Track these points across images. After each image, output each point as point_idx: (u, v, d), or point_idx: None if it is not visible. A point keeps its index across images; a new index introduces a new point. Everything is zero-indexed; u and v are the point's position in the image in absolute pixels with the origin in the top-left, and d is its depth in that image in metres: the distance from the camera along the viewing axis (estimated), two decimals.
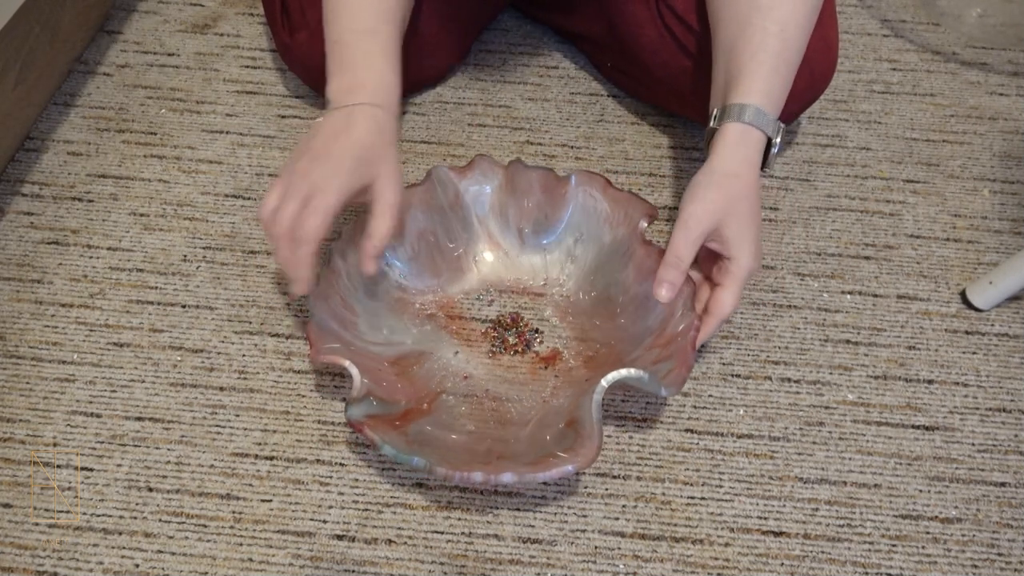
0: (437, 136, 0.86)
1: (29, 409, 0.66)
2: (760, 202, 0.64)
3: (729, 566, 0.60)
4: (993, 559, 0.61)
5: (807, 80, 0.73)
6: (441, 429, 0.62)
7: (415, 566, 0.60)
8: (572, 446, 0.57)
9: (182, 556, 0.60)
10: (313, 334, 0.61)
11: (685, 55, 0.77)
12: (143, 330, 0.71)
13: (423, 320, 0.70)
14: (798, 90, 0.72)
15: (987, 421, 0.68)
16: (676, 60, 0.78)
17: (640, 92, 0.88)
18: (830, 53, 0.75)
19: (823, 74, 0.76)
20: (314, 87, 0.87)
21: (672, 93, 0.82)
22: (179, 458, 0.64)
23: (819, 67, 0.75)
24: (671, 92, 0.82)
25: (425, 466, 0.56)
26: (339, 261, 0.66)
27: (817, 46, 0.72)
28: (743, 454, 0.66)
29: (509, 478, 0.55)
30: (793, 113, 0.77)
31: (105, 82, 0.90)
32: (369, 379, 0.61)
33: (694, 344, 0.61)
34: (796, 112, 0.78)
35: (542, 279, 0.74)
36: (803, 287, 0.76)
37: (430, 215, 0.71)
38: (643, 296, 0.67)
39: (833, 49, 0.76)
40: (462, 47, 0.91)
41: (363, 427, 0.57)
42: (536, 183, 0.73)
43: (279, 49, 0.85)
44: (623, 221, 0.70)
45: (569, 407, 0.63)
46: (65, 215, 0.79)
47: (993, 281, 0.72)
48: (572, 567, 0.60)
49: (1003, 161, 0.86)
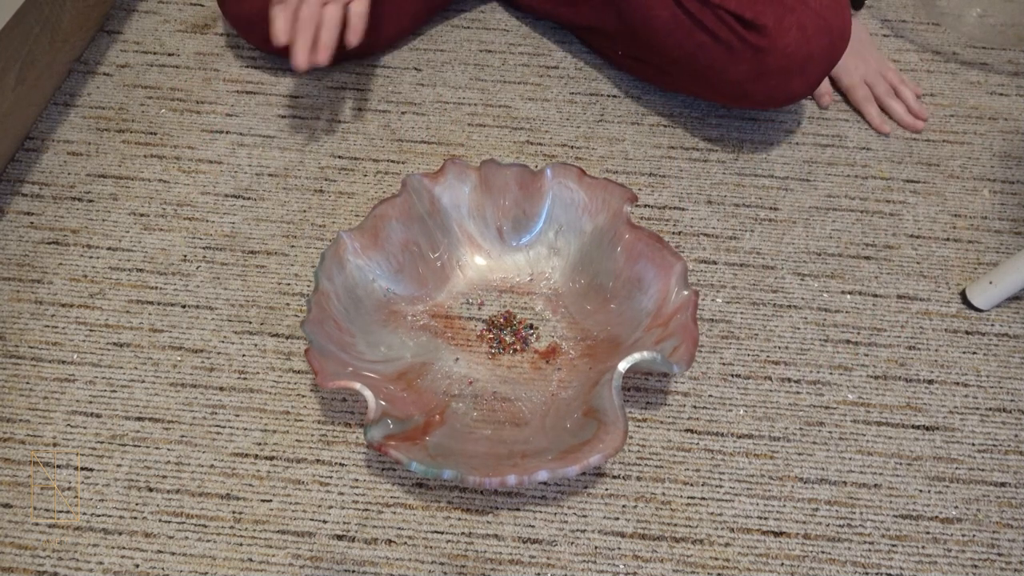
0: (437, 136, 0.86)
1: (29, 409, 0.67)
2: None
3: (729, 566, 0.60)
4: (993, 559, 0.61)
5: (827, 40, 0.74)
6: (458, 437, 0.62)
7: (415, 566, 0.60)
8: (596, 435, 0.57)
9: (182, 556, 0.60)
10: (315, 361, 0.61)
11: (702, 30, 0.77)
12: (143, 330, 0.71)
13: (418, 331, 0.70)
14: (820, 51, 0.74)
15: (987, 421, 0.68)
16: (692, 37, 0.78)
17: (656, 78, 0.88)
18: (843, 11, 0.76)
19: (840, 32, 0.76)
20: (248, 38, 0.88)
21: (691, 73, 0.81)
22: (179, 458, 0.64)
23: (836, 25, 0.75)
24: (690, 72, 0.81)
25: (457, 476, 0.56)
26: (327, 283, 0.66)
27: (831, 4, 0.74)
28: (743, 454, 0.66)
29: (544, 475, 0.56)
30: (818, 77, 0.77)
31: (105, 82, 0.90)
32: (381, 398, 0.61)
33: (695, 318, 0.63)
34: (820, 75, 0.77)
35: (528, 275, 0.74)
36: (803, 287, 0.76)
37: (410, 225, 0.71)
38: (635, 279, 0.68)
39: (846, 7, 0.76)
40: (413, 15, 0.90)
41: (387, 448, 0.57)
42: (512, 180, 0.73)
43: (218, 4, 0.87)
44: (602, 208, 0.71)
45: (581, 397, 0.63)
46: (65, 215, 0.79)
47: (993, 281, 0.72)
48: (572, 567, 0.60)
49: (1003, 161, 0.86)
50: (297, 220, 0.79)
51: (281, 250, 0.77)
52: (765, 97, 0.78)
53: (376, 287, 0.70)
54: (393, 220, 0.70)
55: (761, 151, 0.86)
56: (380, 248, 0.70)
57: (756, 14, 0.74)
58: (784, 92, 0.77)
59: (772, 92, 0.78)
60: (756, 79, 0.76)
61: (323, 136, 0.86)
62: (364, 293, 0.69)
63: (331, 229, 0.78)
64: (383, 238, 0.70)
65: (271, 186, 0.82)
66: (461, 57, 0.94)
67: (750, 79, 0.77)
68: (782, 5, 0.73)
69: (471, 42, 0.96)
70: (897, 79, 0.90)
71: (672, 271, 0.66)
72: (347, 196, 0.81)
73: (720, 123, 0.88)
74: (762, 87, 0.77)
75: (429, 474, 0.56)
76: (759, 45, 0.74)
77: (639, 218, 0.80)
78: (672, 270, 0.66)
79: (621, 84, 0.92)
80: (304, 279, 0.75)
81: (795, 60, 0.74)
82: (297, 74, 0.91)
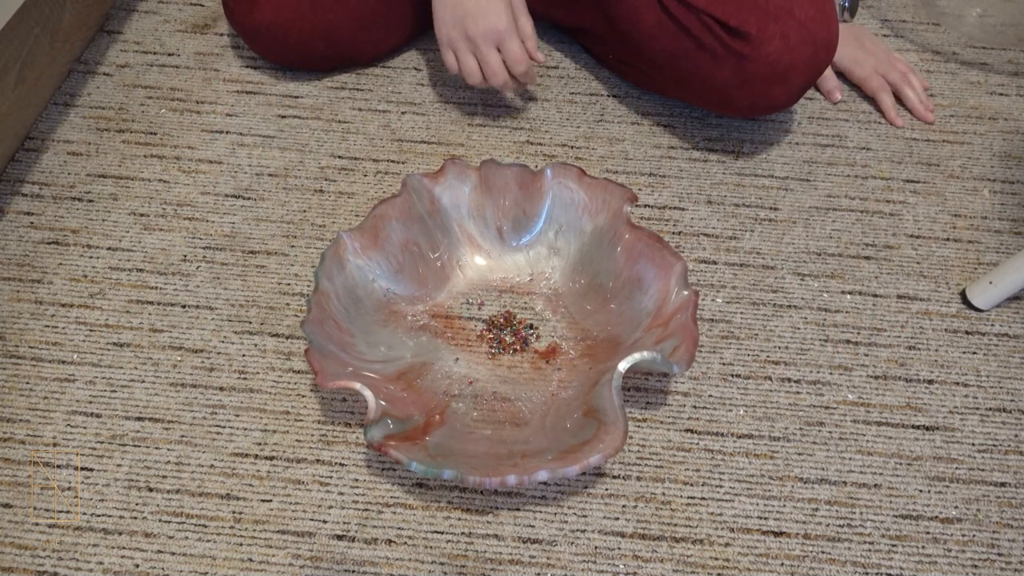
0: (437, 136, 0.86)
1: (29, 409, 0.67)
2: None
3: (729, 566, 0.60)
4: (993, 559, 0.61)
5: (810, 51, 0.75)
6: (458, 437, 0.62)
7: (415, 566, 0.60)
8: (596, 435, 0.57)
9: (182, 556, 0.60)
10: (315, 361, 0.61)
11: (686, 36, 0.77)
12: (143, 330, 0.71)
13: (417, 331, 0.70)
14: (802, 61, 0.75)
15: (987, 421, 0.68)
16: (677, 42, 0.78)
17: (644, 82, 0.89)
18: (830, 24, 0.76)
19: (825, 44, 0.76)
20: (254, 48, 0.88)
21: (676, 79, 0.82)
22: (179, 458, 0.64)
23: (820, 37, 0.75)
24: (675, 78, 0.82)
25: (457, 476, 0.56)
26: (327, 283, 0.66)
27: (816, 16, 0.74)
28: (743, 454, 0.66)
29: (544, 475, 0.56)
30: (800, 87, 0.78)
31: (105, 82, 0.90)
32: (381, 398, 0.61)
33: (695, 318, 0.63)
34: (803, 86, 0.78)
35: (528, 275, 0.74)
36: (803, 287, 0.76)
37: (410, 225, 0.71)
38: (635, 279, 0.68)
39: (833, 20, 0.77)
40: (405, 26, 0.91)
41: (387, 448, 0.57)
42: (512, 180, 0.73)
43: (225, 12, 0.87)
44: (602, 208, 0.71)
45: (580, 397, 0.63)
46: (65, 215, 0.79)
47: (993, 281, 0.72)
48: (572, 567, 0.60)
49: (1003, 161, 0.86)
50: (297, 220, 0.79)
51: (281, 250, 0.77)
52: (748, 104, 0.79)
53: (376, 287, 0.70)
54: (393, 220, 0.70)
55: (761, 151, 0.86)
56: (380, 248, 0.70)
57: (740, 22, 0.74)
58: (766, 100, 0.78)
59: (755, 99, 0.78)
60: (739, 86, 0.77)
61: (323, 136, 0.86)
62: (364, 293, 0.69)
63: (331, 229, 0.78)
64: (383, 238, 0.70)
65: (271, 186, 0.82)
66: None
67: (733, 85, 0.77)
68: (767, 14, 0.74)
69: None
70: (907, 68, 0.91)
71: (672, 271, 0.66)
72: (347, 196, 0.81)
73: (720, 123, 0.88)
74: (745, 94, 0.78)
75: (429, 474, 0.56)
76: (742, 52, 0.75)
77: (639, 218, 0.80)
78: (672, 270, 0.66)
79: (621, 84, 0.92)
80: (304, 279, 0.75)
81: (777, 68, 0.75)
82: (297, 74, 0.91)
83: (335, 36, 0.86)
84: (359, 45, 0.89)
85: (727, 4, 0.75)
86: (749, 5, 0.74)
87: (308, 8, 0.84)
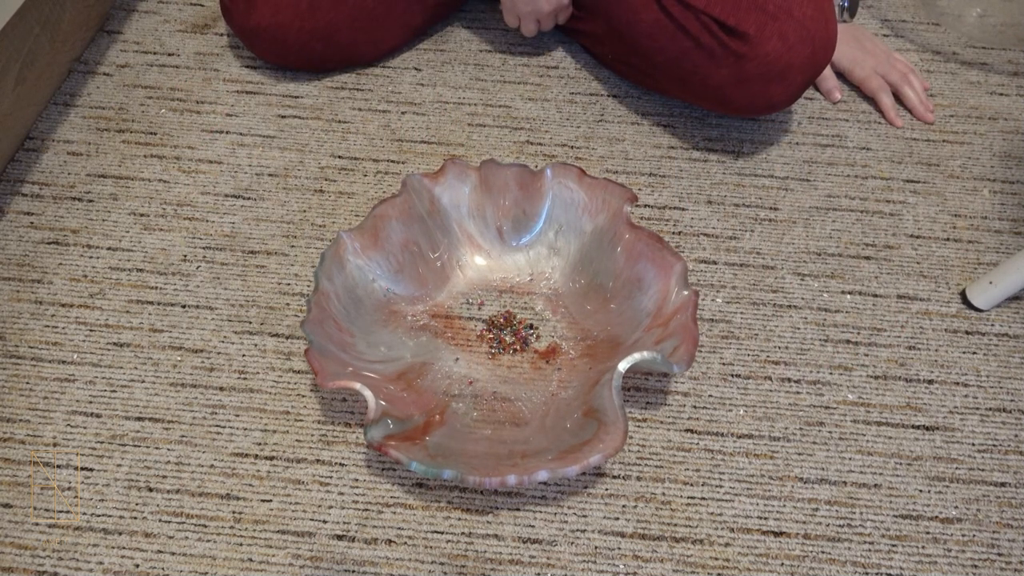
0: (437, 136, 0.86)
1: (29, 409, 0.67)
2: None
3: (729, 566, 0.60)
4: (993, 559, 0.61)
5: (809, 50, 0.75)
6: (458, 437, 0.62)
7: (415, 566, 0.60)
8: (596, 435, 0.57)
9: (182, 556, 0.60)
10: (315, 361, 0.61)
11: (684, 35, 0.78)
12: (143, 330, 0.71)
13: (417, 331, 0.70)
14: (801, 60, 0.75)
15: (987, 421, 0.68)
16: (676, 42, 0.78)
17: (643, 81, 0.89)
18: (829, 23, 0.76)
19: (824, 43, 0.76)
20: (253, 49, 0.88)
21: (674, 78, 0.82)
22: (179, 458, 0.64)
23: (819, 36, 0.75)
24: (673, 77, 0.82)
25: (457, 476, 0.56)
26: (327, 283, 0.66)
27: (815, 16, 0.74)
28: (743, 454, 0.66)
29: (544, 475, 0.56)
30: (799, 86, 0.78)
31: (105, 82, 0.90)
32: (381, 398, 0.61)
33: (695, 318, 0.63)
34: (802, 85, 0.78)
35: (528, 275, 0.74)
36: (803, 287, 0.76)
37: (410, 225, 0.71)
38: (635, 279, 0.68)
39: (831, 20, 0.77)
40: (404, 27, 0.91)
41: (387, 448, 0.57)
42: (512, 180, 0.73)
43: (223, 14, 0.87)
44: (602, 208, 0.71)
45: (580, 397, 0.63)
46: (65, 215, 0.79)
47: (993, 281, 0.72)
48: (572, 567, 0.60)
49: (1003, 161, 0.86)
50: (297, 220, 0.79)
51: (281, 250, 0.77)
52: (746, 103, 0.79)
53: (376, 287, 0.70)
54: (393, 220, 0.70)
55: (761, 151, 0.86)
56: (380, 248, 0.70)
57: (738, 21, 0.74)
58: (764, 99, 0.78)
59: (752, 99, 0.78)
60: (736, 85, 0.77)
61: (323, 136, 0.86)
62: (364, 293, 0.69)
63: (331, 229, 0.78)
64: (383, 238, 0.70)
65: (271, 186, 0.82)
66: (461, 57, 0.94)
67: (731, 84, 0.77)
68: (765, 13, 0.74)
69: (471, 42, 0.96)
70: (907, 68, 0.91)
71: (672, 271, 0.66)
72: (347, 196, 0.81)
73: (720, 123, 0.88)
74: (743, 93, 0.78)
75: (429, 474, 0.57)
76: (740, 52, 0.75)
77: (639, 218, 0.80)
78: (672, 270, 0.66)
79: (621, 84, 0.92)
80: (304, 279, 0.75)
81: (775, 68, 0.75)
82: (297, 74, 0.91)
83: (333, 37, 0.86)
84: (358, 46, 0.89)
85: (725, 3, 0.75)
86: (747, 4, 0.74)
87: (306, 9, 0.84)
